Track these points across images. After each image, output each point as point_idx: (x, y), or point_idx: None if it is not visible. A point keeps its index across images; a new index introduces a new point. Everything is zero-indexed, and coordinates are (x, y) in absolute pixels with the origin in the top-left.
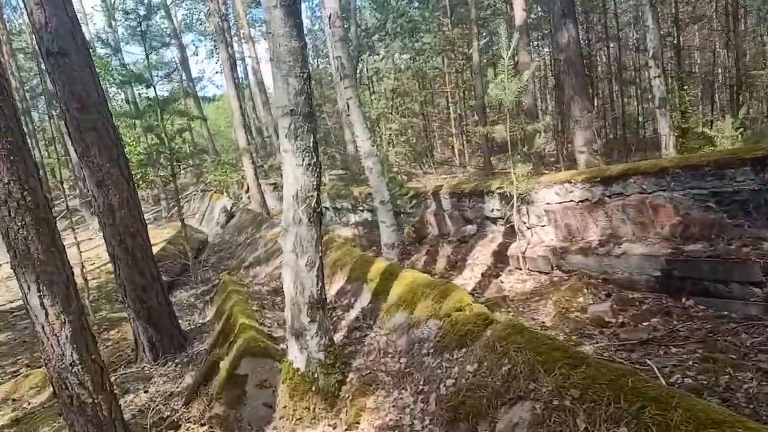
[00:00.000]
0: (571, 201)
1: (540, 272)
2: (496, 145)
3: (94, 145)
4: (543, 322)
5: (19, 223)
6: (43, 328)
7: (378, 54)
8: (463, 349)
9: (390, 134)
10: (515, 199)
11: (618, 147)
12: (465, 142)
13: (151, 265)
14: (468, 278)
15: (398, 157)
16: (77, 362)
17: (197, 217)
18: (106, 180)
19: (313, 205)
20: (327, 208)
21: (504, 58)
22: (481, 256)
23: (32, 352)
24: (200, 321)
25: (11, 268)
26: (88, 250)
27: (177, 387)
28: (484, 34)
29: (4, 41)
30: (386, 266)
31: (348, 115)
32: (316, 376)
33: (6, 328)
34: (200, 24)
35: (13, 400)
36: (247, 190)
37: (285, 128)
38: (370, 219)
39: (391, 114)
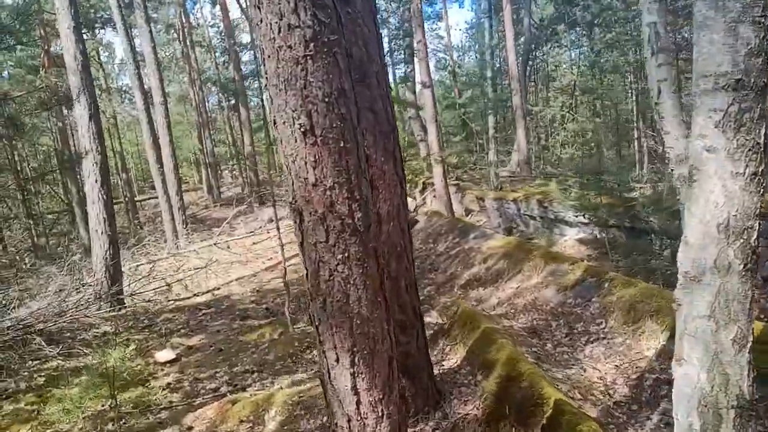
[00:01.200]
0: None
1: None
2: None
3: (368, 132)
4: None
5: (340, 256)
6: (348, 421)
7: (553, 48)
8: None
9: (565, 135)
10: None
11: None
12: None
13: (414, 297)
14: None
15: (574, 159)
16: None
17: None
18: (378, 180)
19: (752, 242)
20: (532, 217)
21: None
22: None
23: (231, 366)
24: (443, 363)
25: (312, 323)
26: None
27: None
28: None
29: None
30: None
31: (656, 104)
32: None
33: (198, 329)
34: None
35: None
36: (423, 190)
37: (718, 111)
38: (599, 236)
39: (569, 113)
